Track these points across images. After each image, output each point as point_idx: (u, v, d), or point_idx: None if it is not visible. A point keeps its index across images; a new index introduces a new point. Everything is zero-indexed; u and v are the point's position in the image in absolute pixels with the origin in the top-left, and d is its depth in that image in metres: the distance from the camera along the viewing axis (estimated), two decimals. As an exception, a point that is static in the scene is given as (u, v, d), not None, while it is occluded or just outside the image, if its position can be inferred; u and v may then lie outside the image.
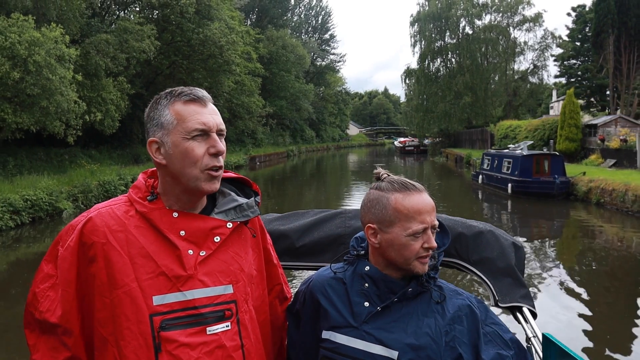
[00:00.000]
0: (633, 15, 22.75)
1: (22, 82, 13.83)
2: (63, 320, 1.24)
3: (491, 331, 1.42)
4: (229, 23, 28.81)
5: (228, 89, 30.52)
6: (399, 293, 1.37)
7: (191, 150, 1.24)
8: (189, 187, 1.27)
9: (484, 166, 20.12)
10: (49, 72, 14.16)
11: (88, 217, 1.28)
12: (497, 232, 1.89)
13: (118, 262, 1.22)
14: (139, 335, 1.19)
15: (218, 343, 1.24)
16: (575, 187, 15.94)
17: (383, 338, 1.34)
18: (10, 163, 16.49)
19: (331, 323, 1.40)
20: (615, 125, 20.52)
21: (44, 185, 13.65)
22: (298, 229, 1.96)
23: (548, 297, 7.51)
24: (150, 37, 21.16)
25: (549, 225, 13.72)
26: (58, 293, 1.26)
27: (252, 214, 1.39)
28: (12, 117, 13.93)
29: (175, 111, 1.25)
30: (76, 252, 1.25)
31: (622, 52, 22.95)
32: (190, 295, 1.23)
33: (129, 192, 1.34)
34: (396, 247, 1.36)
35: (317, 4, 73.31)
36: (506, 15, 46.23)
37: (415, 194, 1.36)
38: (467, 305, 1.40)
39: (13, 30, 13.93)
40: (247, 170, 33.86)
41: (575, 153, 21.35)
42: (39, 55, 13.89)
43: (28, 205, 12.54)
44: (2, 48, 13.59)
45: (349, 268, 1.47)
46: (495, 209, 16.66)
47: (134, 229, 1.25)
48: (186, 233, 1.26)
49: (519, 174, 16.74)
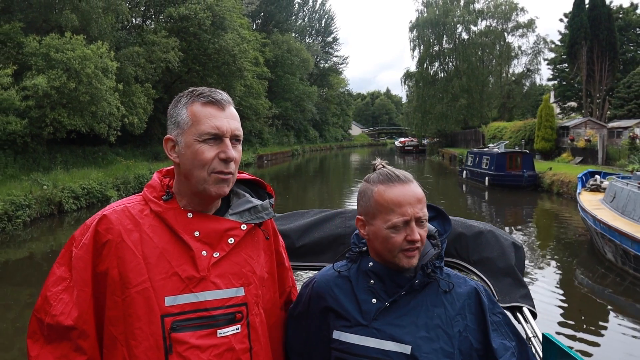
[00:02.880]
0: (604, 29, 25.34)
1: (76, 91, 16.56)
2: (80, 321, 1.21)
3: (497, 320, 1.39)
4: (241, 33, 31.55)
5: (240, 92, 33.17)
6: (406, 286, 1.34)
7: (201, 153, 1.24)
8: (197, 189, 1.27)
9: (468, 163, 22.83)
10: (97, 82, 16.90)
11: (102, 215, 1.27)
12: (497, 232, 1.89)
13: (131, 261, 1.21)
14: (149, 336, 1.19)
15: (228, 346, 1.24)
16: (542, 180, 18.64)
17: (394, 333, 1.31)
18: (58, 159, 19.22)
19: (341, 323, 1.37)
20: (585, 127, 23.16)
21: (94, 177, 16.43)
22: (298, 229, 1.96)
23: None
24: (174, 48, 23.91)
25: (518, 211, 16.41)
26: (73, 295, 1.23)
27: (266, 215, 1.38)
28: (68, 120, 16.67)
29: (192, 112, 1.26)
30: (91, 250, 1.24)
31: (594, 61, 25.53)
32: (202, 297, 1.23)
33: (143, 191, 1.34)
34: (380, 240, 1.35)
35: (320, 7, 74.84)
36: (501, 21, 48.39)
37: (398, 185, 1.33)
38: (475, 292, 1.38)
39: (68, 47, 16.67)
40: (255, 168, 36.30)
41: (550, 151, 23.99)
42: (89, 68, 16.62)
43: (85, 193, 15.30)
44: (60, 62, 16.33)
45: (353, 266, 1.44)
46: (476, 199, 19.37)
47: (148, 228, 1.25)
48: (200, 234, 1.26)
49: (494, 169, 19.47)
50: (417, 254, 1.33)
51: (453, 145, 48.23)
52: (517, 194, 18.48)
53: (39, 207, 13.20)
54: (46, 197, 13.55)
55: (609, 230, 8.72)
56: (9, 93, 13.62)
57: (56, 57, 16.19)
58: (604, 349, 5.96)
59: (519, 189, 18.70)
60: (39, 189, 13.66)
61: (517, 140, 26.17)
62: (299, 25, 71.07)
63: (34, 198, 13.02)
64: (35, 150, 17.68)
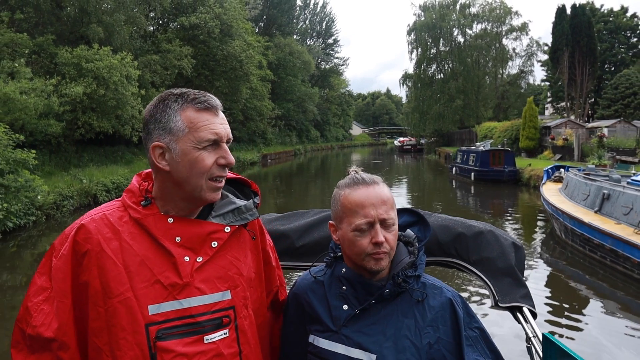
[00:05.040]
0: (585, 36, 27.36)
1: (104, 97, 18.62)
2: (60, 333, 1.20)
3: (474, 336, 1.38)
4: (247, 39, 33.61)
5: (245, 95, 35.18)
6: (375, 295, 1.34)
7: (201, 161, 1.22)
8: (192, 195, 1.25)
9: (457, 160, 24.88)
10: (122, 88, 18.97)
11: (80, 224, 1.24)
12: (497, 232, 1.90)
13: (112, 270, 1.19)
14: (135, 346, 1.17)
15: (216, 352, 1.23)
16: (522, 175, 20.66)
17: (361, 341, 1.31)
18: (85, 157, 21.31)
19: (315, 327, 1.40)
20: (565, 127, 25.19)
21: (121, 173, 18.49)
22: (298, 229, 1.97)
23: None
24: (187, 56, 26.01)
25: (500, 202, 18.42)
26: (53, 305, 1.21)
27: (250, 217, 1.36)
28: (97, 123, 18.75)
29: (187, 118, 1.22)
30: (70, 261, 1.21)
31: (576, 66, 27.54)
32: (187, 304, 1.21)
33: (122, 196, 1.31)
34: (347, 243, 1.35)
35: (321, 10, 76.38)
36: (495, 24, 49.97)
37: (362, 187, 1.33)
38: (450, 304, 1.37)
39: (96, 57, 18.74)
40: (260, 167, 37.92)
41: (534, 149, 26.00)
42: (115, 77, 18.68)
43: (114, 186, 17.35)
44: (89, 71, 18.40)
45: (328, 271, 1.46)
46: (463, 193, 21.39)
47: (128, 236, 1.22)
48: (182, 239, 1.24)
49: (479, 165, 21.51)
50: (386, 257, 1.31)
51: (449, 144, 49.42)
52: (499, 187, 20.51)
53: (79, 198, 15.26)
54: (84, 190, 15.62)
55: (556, 211, 10.74)
56: (52, 99, 15.67)
57: (87, 66, 18.26)
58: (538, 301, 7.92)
59: (500, 183, 20.73)
60: (78, 183, 15.75)
61: (505, 139, 28.21)
62: (300, 28, 72.54)
63: (75, 190, 15.09)
64: (66, 149, 19.79)
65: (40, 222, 12.92)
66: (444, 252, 1.86)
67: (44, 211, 13.08)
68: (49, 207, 13.39)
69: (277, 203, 18.51)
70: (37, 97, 14.56)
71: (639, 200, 8.26)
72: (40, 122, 15.65)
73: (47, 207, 13.22)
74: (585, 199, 10.32)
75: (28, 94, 14.46)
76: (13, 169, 11.03)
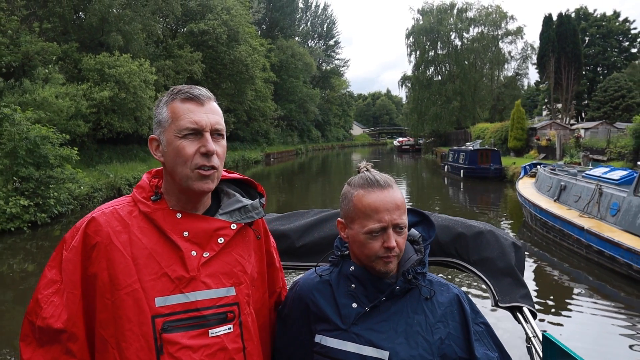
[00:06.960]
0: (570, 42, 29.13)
1: (124, 100, 20.43)
2: (69, 324, 1.22)
3: (480, 330, 1.41)
4: (252, 44, 35.42)
5: (250, 97, 36.97)
6: (386, 292, 1.34)
7: (182, 149, 1.24)
8: (182, 186, 1.27)
9: (449, 159, 26.69)
10: (141, 92, 20.78)
11: (91, 217, 1.27)
12: (497, 232, 1.91)
13: (120, 263, 1.22)
14: (140, 337, 1.19)
15: (220, 346, 1.24)
16: (506, 172, 22.46)
17: (373, 339, 1.32)
18: (104, 155, 23.15)
19: (322, 327, 1.39)
20: (550, 128, 26.98)
21: (140, 169, 20.32)
22: (298, 229, 1.97)
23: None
24: (198, 61, 27.85)
25: (486, 196, 20.21)
26: (63, 297, 1.23)
27: (256, 215, 1.39)
28: (118, 123, 20.58)
29: (171, 109, 1.26)
30: (80, 253, 1.24)
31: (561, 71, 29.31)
32: (193, 297, 1.23)
33: (132, 192, 1.34)
34: (357, 244, 1.35)
35: (322, 12, 77.89)
36: (491, 28, 51.34)
37: (377, 191, 1.33)
38: (457, 300, 1.40)
39: (117, 64, 20.56)
40: (263, 166, 39.29)
41: (521, 149, 27.75)
42: (135, 81, 20.50)
43: (135, 181, 19.14)
44: (111, 76, 20.22)
45: (334, 269, 1.45)
46: (454, 188, 23.17)
47: (137, 229, 1.26)
48: (190, 234, 1.26)
49: (468, 163, 23.32)
50: (395, 260, 1.33)
51: (446, 144, 49.94)
52: (485, 183, 22.30)
53: (107, 191, 17.07)
54: (111, 184, 17.44)
55: (525, 200, 12.54)
56: (81, 103, 17.50)
57: (109, 72, 20.09)
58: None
59: (487, 180, 22.54)
60: (105, 177, 17.58)
61: (496, 140, 29.97)
62: (302, 30, 73.85)
63: (103, 184, 16.91)
64: (89, 147, 21.61)
65: (76, 211, 14.72)
66: (444, 252, 1.87)
67: (79, 201, 14.90)
68: (83, 197, 15.22)
69: (280, 200, 19.85)
70: (70, 101, 16.37)
71: (585, 190, 10.05)
72: (70, 123, 17.45)
73: (82, 197, 15.04)
74: (548, 190, 12.10)
75: (62, 98, 16.27)
76: (59, 163, 12.84)
